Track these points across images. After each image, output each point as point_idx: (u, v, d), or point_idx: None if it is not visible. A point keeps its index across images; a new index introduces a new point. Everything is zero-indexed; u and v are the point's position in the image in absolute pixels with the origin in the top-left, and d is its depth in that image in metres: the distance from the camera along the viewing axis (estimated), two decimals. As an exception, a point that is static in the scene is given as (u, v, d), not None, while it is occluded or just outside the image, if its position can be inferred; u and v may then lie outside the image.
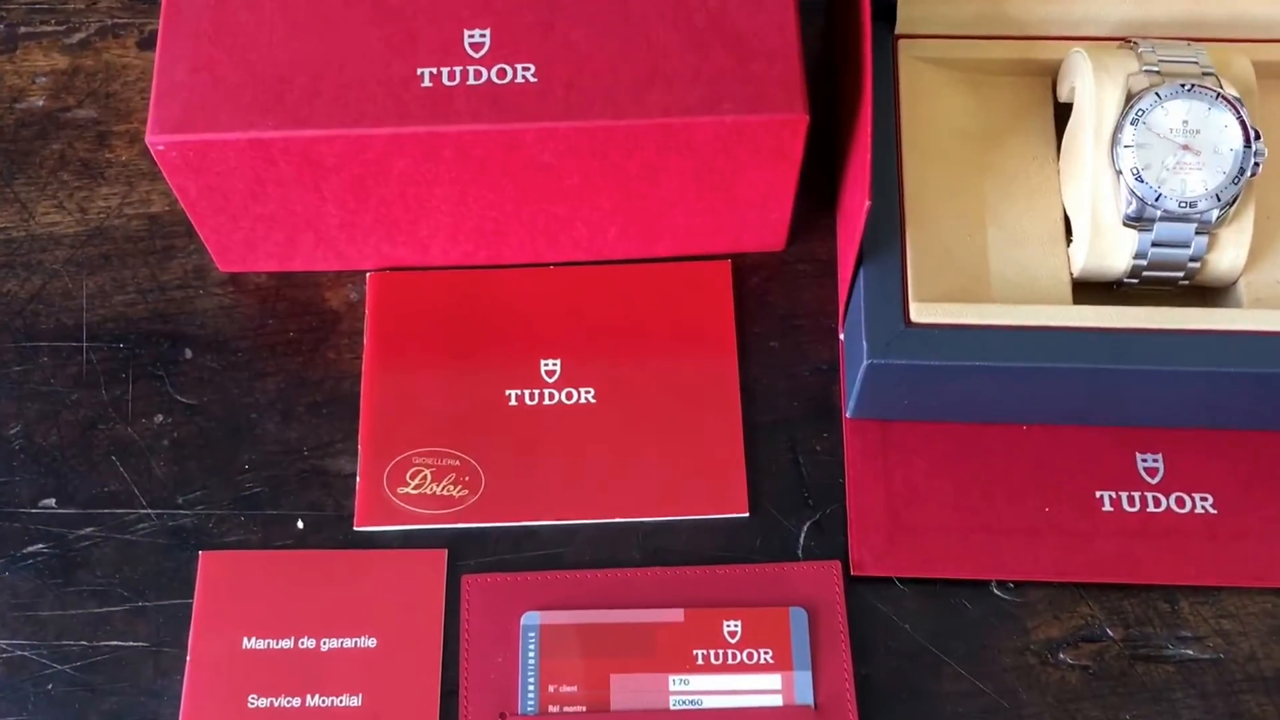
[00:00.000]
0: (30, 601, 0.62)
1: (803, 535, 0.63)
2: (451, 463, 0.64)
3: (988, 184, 0.64)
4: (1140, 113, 0.59)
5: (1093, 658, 0.61)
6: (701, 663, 0.60)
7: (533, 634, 0.61)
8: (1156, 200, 0.59)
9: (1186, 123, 0.59)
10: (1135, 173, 0.59)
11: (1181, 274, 0.61)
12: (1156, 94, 0.60)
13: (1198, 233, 0.60)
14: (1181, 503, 0.63)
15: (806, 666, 0.60)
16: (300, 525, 0.64)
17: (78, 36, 0.75)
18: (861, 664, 0.61)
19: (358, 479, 0.64)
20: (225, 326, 0.68)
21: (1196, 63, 0.60)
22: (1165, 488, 0.63)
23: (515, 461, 0.64)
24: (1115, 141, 0.60)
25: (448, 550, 0.63)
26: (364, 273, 0.69)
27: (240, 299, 0.68)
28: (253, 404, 0.66)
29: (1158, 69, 0.60)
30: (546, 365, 0.67)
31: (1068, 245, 0.63)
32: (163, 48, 0.61)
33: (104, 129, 0.72)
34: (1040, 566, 0.62)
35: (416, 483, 0.64)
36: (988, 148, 0.65)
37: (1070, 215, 0.63)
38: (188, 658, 0.61)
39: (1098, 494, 0.63)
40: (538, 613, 0.61)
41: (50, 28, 0.75)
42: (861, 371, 0.60)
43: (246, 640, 0.61)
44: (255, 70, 0.61)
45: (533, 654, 0.60)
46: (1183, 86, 0.60)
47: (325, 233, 0.66)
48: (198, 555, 0.63)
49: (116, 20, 0.75)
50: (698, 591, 0.62)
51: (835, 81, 0.70)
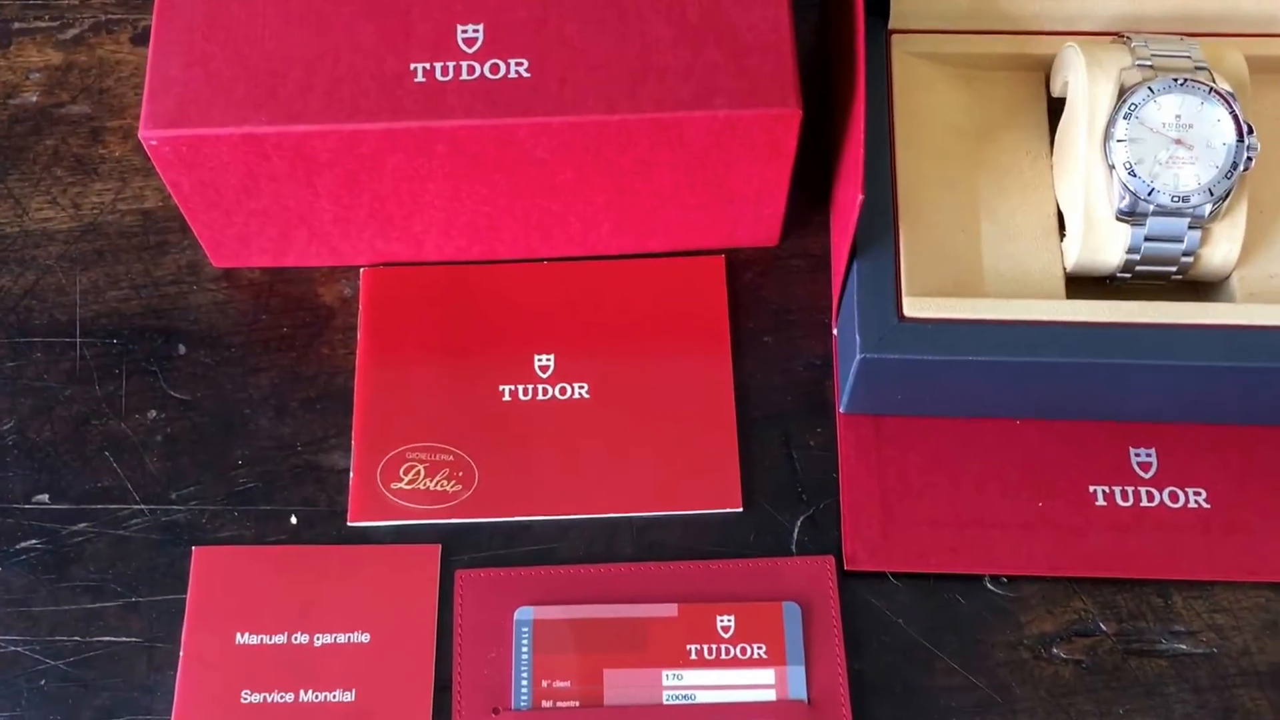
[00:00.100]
0: (23, 597, 0.62)
1: (796, 530, 0.63)
2: (445, 458, 0.64)
3: (981, 179, 0.64)
4: (1133, 107, 0.59)
5: (1086, 652, 0.61)
6: (695, 658, 0.60)
7: (526, 629, 0.61)
8: (1149, 195, 0.59)
9: (1179, 117, 0.59)
10: (1128, 167, 0.59)
11: (1174, 269, 0.61)
12: (1149, 88, 0.60)
13: (1190, 227, 0.60)
14: (1175, 497, 0.63)
15: (800, 661, 0.60)
16: (294, 520, 0.64)
17: (71, 32, 0.75)
18: (855, 659, 0.61)
19: (351, 474, 0.64)
20: (219, 322, 0.68)
21: (1189, 57, 0.61)
22: (1158, 482, 0.63)
23: (509, 457, 0.64)
24: (1108, 136, 0.60)
25: (441, 545, 0.63)
26: (358, 268, 0.69)
27: (234, 294, 0.68)
28: (246, 399, 0.66)
29: (1151, 63, 0.60)
30: (540, 360, 0.67)
31: (1061, 240, 0.63)
32: (156, 43, 0.61)
33: (97, 125, 0.72)
34: (1034, 561, 0.62)
35: (410, 478, 0.64)
36: (981, 142, 0.65)
37: (1063, 210, 0.63)
38: (181, 653, 0.61)
39: (1091, 489, 0.63)
40: (531, 608, 0.61)
41: (44, 23, 0.75)
42: (854, 366, 0.60)
43: (240, 635, 0.61)
44: (248, 65, 0.61)
45: (526, 649, 0.60)
46: (1175, 81, 0.60)
47: (319, 228, 0.66)
48: (191, 551, 0.63)
49: (110, 16, 0.75)
50: (691, 586, 0.62)
51: (829, 76, 0.70)
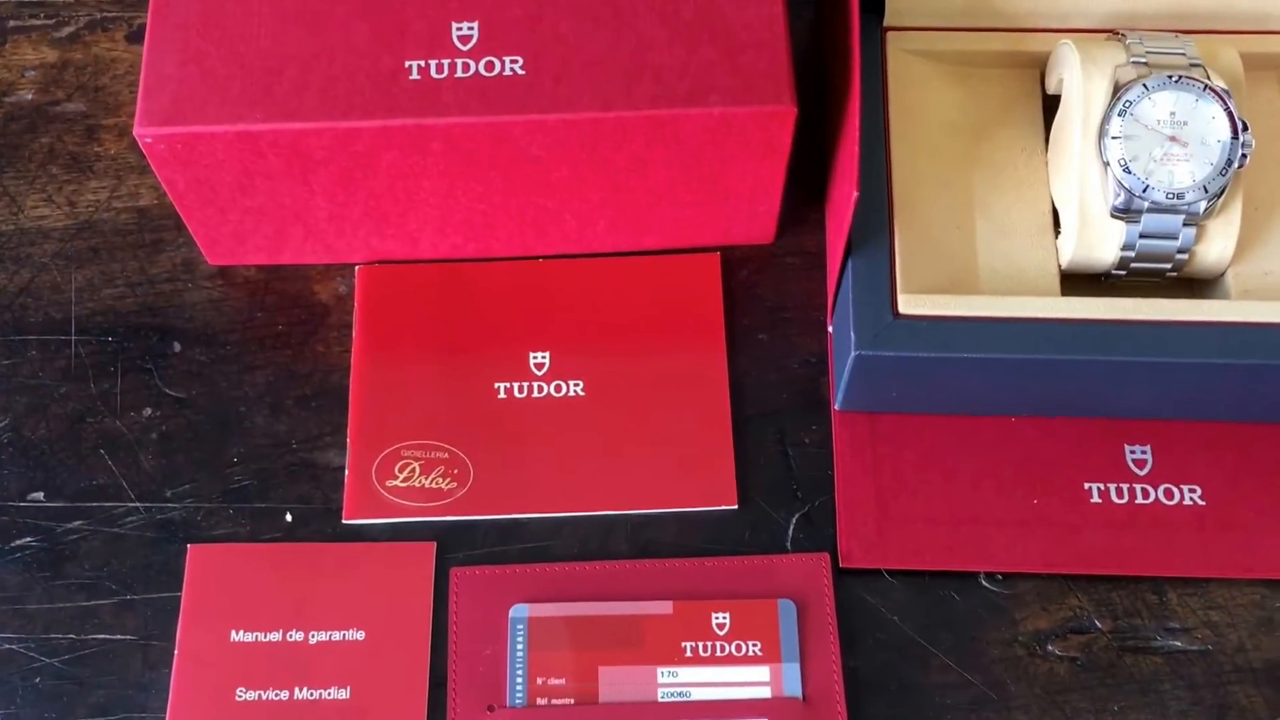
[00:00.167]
0: (18, 595, 0.62)
1: (791, 527, 0.63)
2: (440, 455, 0.64)
3: (976, 176, 0.64)
4: (1128, 104, 0.59)
5: (1081, 649, 0.61)
6: (690, 655, 0.60)
7: (521, 626, 0.61)
8: (1144, 192, 0.59)
9: (1174, 114, 0.59)
10: (1123, 164, 0.59)
11: (1169, 266, 0.61)
12: (1144, 85, 0.59)
13: (1185, 224, 0.60)
14: (1170, 494, 0.63)
15: (795, 658, 0.60)
16: (289, 518, 0.63)
17: (67, 30, 0.75)
18: (850, 656, 0.60)
19: (346, 472, 0.64)
20: (214, 320, 0.68)
21: (1184, 54, 0.60)
22: (1154, 479, 0.63)
23: (504, 454, 0.64)
24: (1103, 133, 0.60)
25: (436, 543, 0.63)
26: (353, 266, 0.69)
27: (229, 292, 0.68)
28: (241, 397, 0.66)
29: (1145, 60, 0.60)
30: (535, 358, 0.66)
31: (1056, 237, 0.63)
32: (151, 40, 0.61)
33: (93, 123, 0.72)
34: (1029, 558, 0.62)
35: (405, 475, 0.64)
36: (976, 140, 0.65)
37: (1058, 207, 0.63)
38: (176, 651, 0.61)
39: (1086, 486, 0.63)
40: (526, 605, 0.61)
41: (39, 21, 0.75)
42: (849, 363, 0.60)
43: (234, 633, 0.61)
44: (243, 63, 0.61)
45: (521, 646, 0.60)
46: (1170, 78, 0.60)
47: (314, 226, 0.66)
48: (186, 548, 0.63)
49: (105, 14, 0.75)
50: (686, 584, 0.62)
51: (824, 73, 0.70)
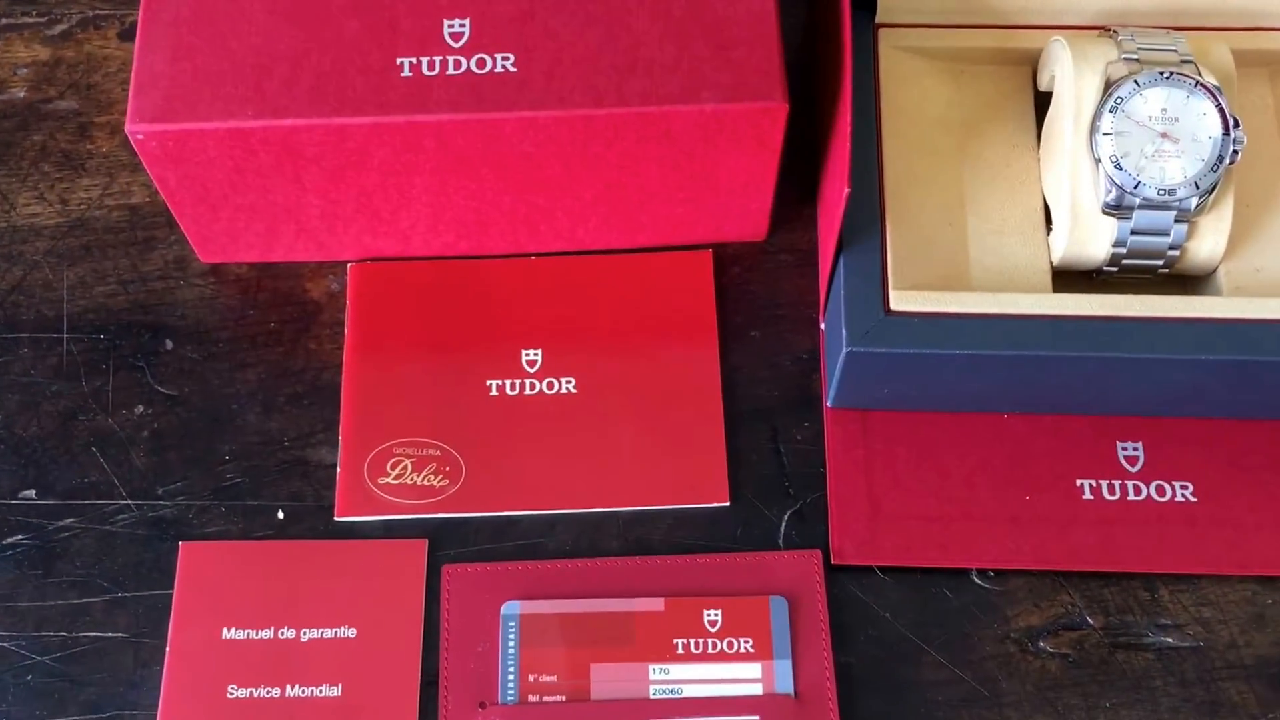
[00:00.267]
0: (9, 593, 0.62)
1: (783, 524, 0.63)
2: (432, 453, 0.64)
3: (968, 173, 0.64)
4: (1119, 100, 0.59)
5: (1073, 646, 0.61)
6: (682, 652, 0.60)
7: (513, 623, 0.60)
8: (1135, 188, 0.59)
9: (1165, 110, 0.59)
10: (1114, 160, 0.59)
11: (1161, 262, 0.61)
12: (1135, 81, 0.59)
13: (1177, 221, 0.60)
14: (1162, 491, 0.63)
15: (787, 655, 0.60)
16: (280, 516, 0.63)
17: (59, 28, 0.75)
18: (842, 653, 0.60)
19: (338, 469, 0.64)
20: (206, 317, 0.68)
21: (1175, 50, 0.60)
22: (1145, 476, 0.63)
23: (496, 451, 0.64)
24: (1094, 129, 0.60)
25: (428, 540, 0.63)
26: (345, 263, 0.69)
27: (221, 290, 0.68)
28: (233, 394, 0.66)
29: (1137, 57, 0.60)
30: (528, 355, 0.66)
31: (1047, 234, 0.63)
32: (142, 37, 0.61)
33: (85, 120, 0.72)
34: (1020, 555, 0.62)
35: (397, 473, 0.64)
36: (968, 136, 0.65)
37: (1050, 204, 0.63)
38: (167, 648, 0.61)
39: (1078, 482, 0.63)
40: (518, 602, 0.61)
41: (31, 19, 0.75)
42: (841, 360, 0.60)
43: (226, 631, 0.61)
44: (235, 60, 0.61)
45: (513, 643, 0.60)
46: (1161, 74, 0.59)
47: (306, 223, 0.66)
48: (178, 546, 0.63)
49: (98, 11, 0.75)
50: (678, 581, 0.62)
51: (816, 70, 0.70)
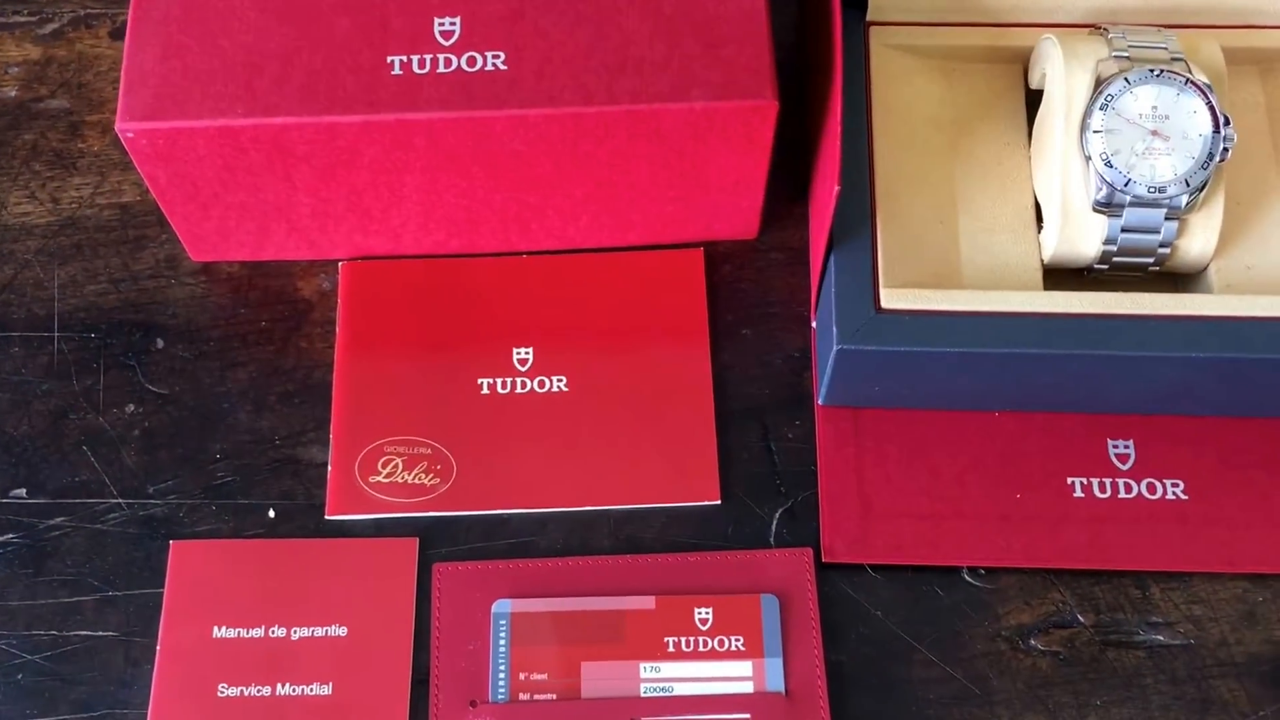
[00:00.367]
0: (0, 591, 0.62)
1: (774, 522, 0.63)
2: (423, 451, 0.64)
3: (959, 171, 0.64)
4: (1109, 98, 0.59)
5: (1064, 644, 0.61)
6: (673, 650, 0.60)
7: (504, 622, 0.60)
8: (1126, 185, 0.59)
9: (1156, 108, 0.59)
10: (1105, 158, 0.59)
11: (1151, 260, 0.61)
12: (1125, 79, 0.59)
13: (1167, 218, 0.60)
14: (1152, 489, 0.63)
15: (778, 653, 0.60)
16: (271, 514, 0.63)
17: (50, 27, 0.75)
18: (832, 651, 0.60)
19: (329, 468, 0.64)
20: (197, 316, 0.68)
21: (1166, 48, 0.60)
22: (1136, 474, 0.63)
23: (487, 450, 0.64)
24: (1085, 127, 0.60)
25: (419, 539, 0.63)
26: (336, 262, 0.69)
27: (212, 288, 0.68)
28: (224, 393, 0.66)
29: (1127, 54, 0.60)
30: (519, 354, 0.66)
31: (1038, 231, 0.63)
32: (132, 35, 0.61)
33: (76, 119, 0.72)
34: (1011, 553, 0.62)
35: (388, 471, 0.64)
36: (959, 135, 0.65)
37: (1041, 201, 0.63)
38: (158, 647, 0.60)
39: (1069, 480, 0.63)
40: (509, 600, 0.61)
41: (23, 18, 0.75)
42: (832, 358, 0.60)
43: (217, 629, 0.61)
44: (225, 58, 0.61)
45: (504, 642, 0.60)
46: (1152, 72, 0.59)
47: (297, 222, 0.66)
48: (168, 545, 0.63)
49: (89, 10, 0.75)
50: (669, 579, 0.62)
51: (806, 69, 0.70)
